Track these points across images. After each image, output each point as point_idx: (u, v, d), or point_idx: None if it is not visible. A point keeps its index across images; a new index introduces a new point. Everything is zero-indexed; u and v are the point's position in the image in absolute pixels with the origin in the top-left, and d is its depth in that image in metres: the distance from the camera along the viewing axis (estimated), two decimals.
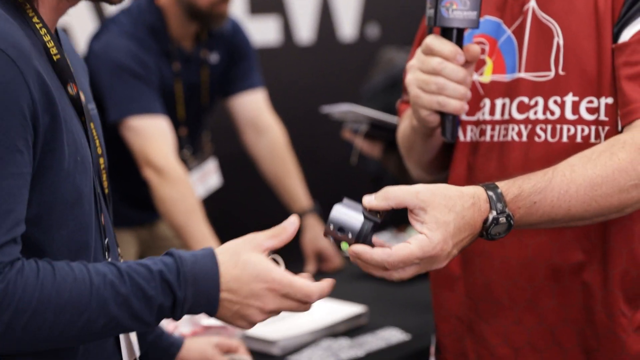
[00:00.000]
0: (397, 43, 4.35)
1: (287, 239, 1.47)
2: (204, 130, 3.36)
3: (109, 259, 1.50)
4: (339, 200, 1.50)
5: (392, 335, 2.52)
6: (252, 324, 1.43)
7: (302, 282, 1.43)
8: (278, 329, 2.47)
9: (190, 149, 3.27)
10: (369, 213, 1.46)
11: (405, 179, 2.28)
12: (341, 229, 1.45)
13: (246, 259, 1.42)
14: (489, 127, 1.78)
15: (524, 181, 1.55)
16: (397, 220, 3.64)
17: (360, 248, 1.46)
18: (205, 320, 2.26)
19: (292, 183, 3.34)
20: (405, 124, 1.95)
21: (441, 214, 1.46)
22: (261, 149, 3.37)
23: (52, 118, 1.35)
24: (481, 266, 1.79)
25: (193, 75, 3.17)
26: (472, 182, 1.75)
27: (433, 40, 1.67)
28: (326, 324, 2.52)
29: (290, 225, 1.47)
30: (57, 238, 1.39)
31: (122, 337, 1.49)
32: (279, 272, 1.42)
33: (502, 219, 1.51)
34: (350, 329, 2.57)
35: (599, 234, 1.72)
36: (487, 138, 1.78)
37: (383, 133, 2.86)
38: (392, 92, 2.08)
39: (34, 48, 1.38)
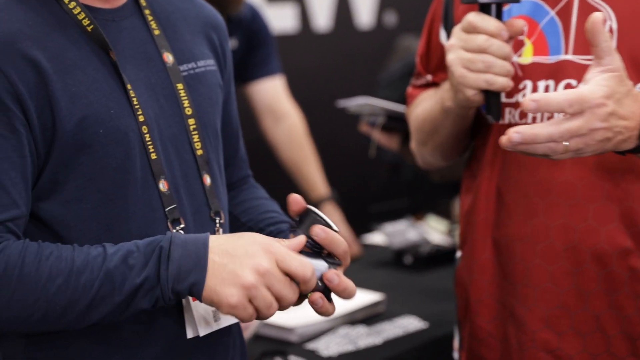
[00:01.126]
0: (414, 30, 4.33)
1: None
2: None
3: (176, 229, 1.46)
4: (355, 187, 1.49)
5: (409, 323, 2.52)
6: (239, 291, 1.35)
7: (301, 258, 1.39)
8: (296, 316, 2.47)
9: None
10: (328, 257, 1.44)
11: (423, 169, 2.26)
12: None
13: (241, 234, 1.40)
14: None
15: None
16: (415, 209, 3.64)
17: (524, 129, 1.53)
18: None
19: (310, 170, 3.33)
20: (424, 108, 1.92)
21: (611, 80, 1.53)
22: (279, 135, 3.36)
23: (46, 98, 1.36)
24: (522, 252, 1.76)
25: None
26: (511, 165, 1.76)
27: (475, 17, 1.64)
28: (344, 311, 2.52)
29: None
30: (80, 212, 1.39)
31: (186, 314, 1.47)
32: (280, 243, 1.39)
33: None
34: (368, 317, 2.57)
35: None
36: (529, 120, 1.74)
37: (400, 124, 2.84)
38: (410, 80, 2.06)
39: (47, 24, 1.40)
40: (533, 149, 1.53)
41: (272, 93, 3.34)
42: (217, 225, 1.54)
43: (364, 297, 2.63)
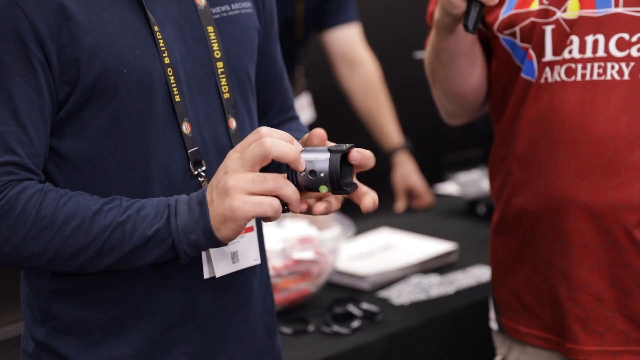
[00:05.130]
0: None
1: None
2: (298, 65, 3.36)
3: (197, 172, 1.48)
4: (429, 136, 1.47)
5: (482, 273, 2.52)
6: (232, 201, 1.34)
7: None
8: (368, 264, 2.49)
9: None
10: (334, 146, 1.39)
11: None
12: (312, 171, 1.37)
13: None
14: (579, 66, 1.72)
15: None
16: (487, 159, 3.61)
17: None
18: (297, 254, 2.28)
19: (385, 119, 3.33)
20: (429, 46, 1.90)
21: None
22: (354, 83, 3.35)
23: (69, 39, 1.38)
24: (575, 214, 1.73)
25: (288, 8, 3.16)
26: (558, 120, 1.72)
27: None
28: (416, 260, 2.53)
29: None
30: (103, 150, 1.42)
31: (203, 254, 1.49)
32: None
33: None
34: (440, 266, 2.58)
35: None
36: (579, 77, 1.72)
37: None
38: None
39: None
40: None
41: (348, 41, 3.32)
42: None
43: (437, 247, 2.63)
